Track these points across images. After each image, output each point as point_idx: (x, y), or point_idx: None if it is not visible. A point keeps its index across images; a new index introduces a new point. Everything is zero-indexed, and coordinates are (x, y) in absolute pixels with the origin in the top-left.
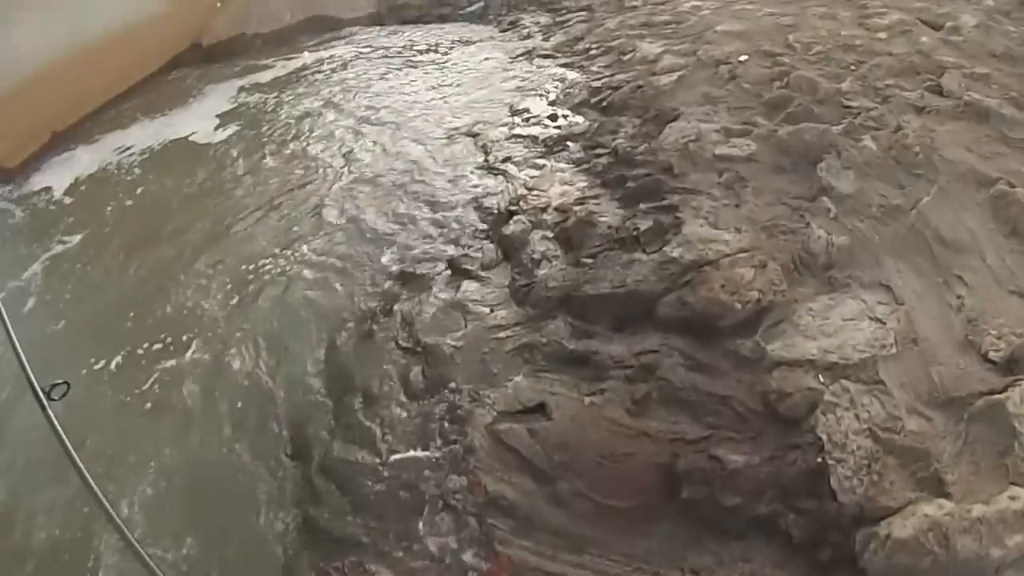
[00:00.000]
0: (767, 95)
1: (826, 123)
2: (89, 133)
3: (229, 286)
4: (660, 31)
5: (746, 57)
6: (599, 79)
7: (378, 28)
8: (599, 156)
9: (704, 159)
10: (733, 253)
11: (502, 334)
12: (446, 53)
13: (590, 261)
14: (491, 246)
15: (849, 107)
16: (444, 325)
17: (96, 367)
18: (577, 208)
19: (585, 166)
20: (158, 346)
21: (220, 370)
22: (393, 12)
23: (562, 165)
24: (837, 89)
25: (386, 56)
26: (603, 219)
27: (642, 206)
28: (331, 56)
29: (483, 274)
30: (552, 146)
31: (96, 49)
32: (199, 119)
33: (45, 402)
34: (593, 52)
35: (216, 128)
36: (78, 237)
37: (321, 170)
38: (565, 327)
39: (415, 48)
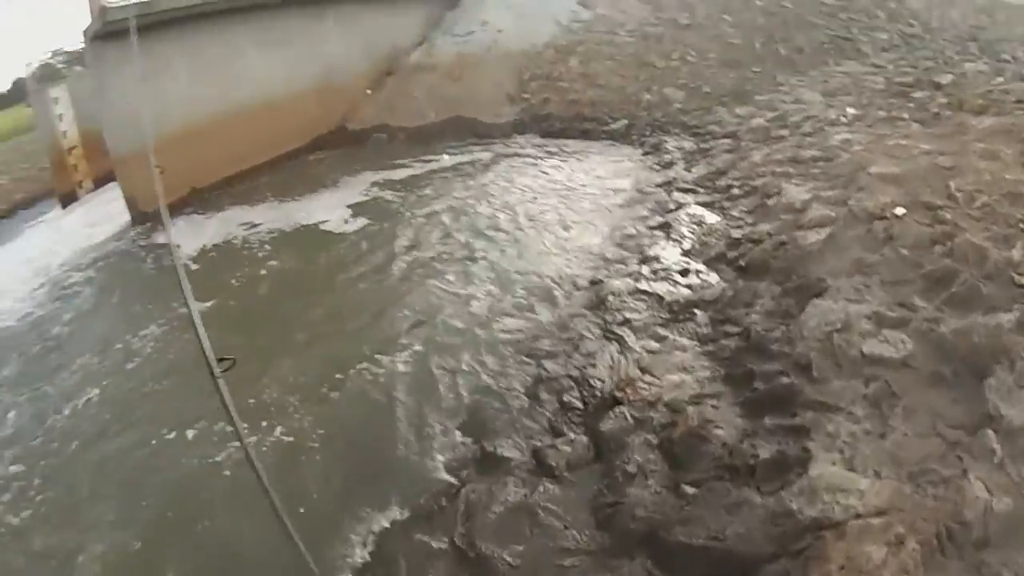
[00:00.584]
0: (928, 265)
1: (995, 309)
2: (221, 202)
3: (313, 405)
4: (808, 169)
5: (903, 211)
6: (739, 227)
7: (519, 138)
8: (728, 336)
9: (849, 359)
10: (867, 514)
11: (568, 561)
12: (583, 174)
13: (692, 491)
14: (584, 439)
15: (1023, 287)
16: (507, 531)
17: (168, 436)
18: (691, 410)
19: (710, 347)
20: (229, 428)
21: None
22: (536, 122)
23: (684, 341)
24: (1007, 260)
25: (521, 169)
26: (718, 431)
27: (767, 421)
28: (467, 162)
29: (567, 475)
30: (678, 312)
31: (244, 115)
32: (330, 208)
33: (217, 372)
34: (735, 191)
35: (346, 220)
36: (200, 307)
37: (430, 290)
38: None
39: (551, 164)
